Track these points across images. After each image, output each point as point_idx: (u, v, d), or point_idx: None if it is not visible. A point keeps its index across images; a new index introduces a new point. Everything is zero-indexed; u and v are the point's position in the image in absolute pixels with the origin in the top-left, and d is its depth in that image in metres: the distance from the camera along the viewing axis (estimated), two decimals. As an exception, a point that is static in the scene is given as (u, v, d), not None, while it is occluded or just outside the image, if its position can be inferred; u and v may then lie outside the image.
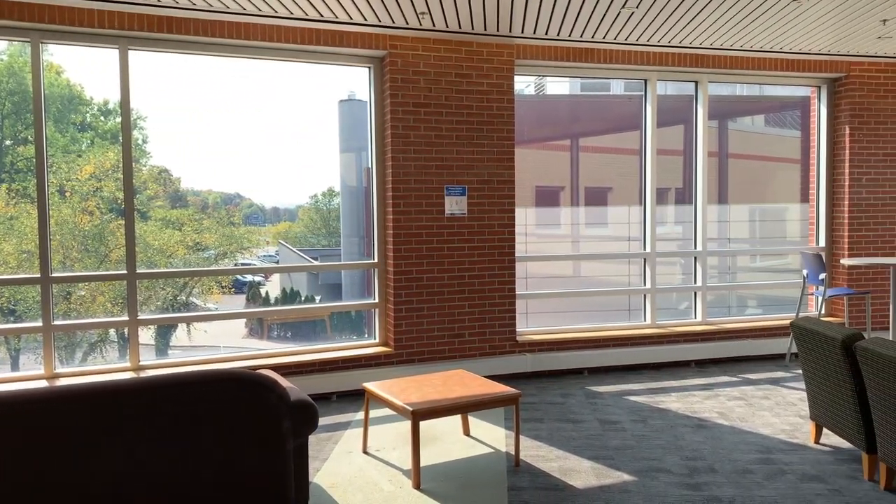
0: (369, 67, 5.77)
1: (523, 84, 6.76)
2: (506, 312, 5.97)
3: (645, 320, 6.60)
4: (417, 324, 5.73)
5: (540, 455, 4.14)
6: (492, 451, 4.23)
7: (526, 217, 6.49)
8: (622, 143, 7.01)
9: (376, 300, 5.86)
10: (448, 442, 4.40)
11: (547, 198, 6.83)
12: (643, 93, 6.53)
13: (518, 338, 6.07)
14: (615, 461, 4.02)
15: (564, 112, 7.22)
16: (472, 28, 5.46)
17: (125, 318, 5.21)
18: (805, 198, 7.19)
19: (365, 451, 4.25)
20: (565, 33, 5.61)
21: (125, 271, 5.15)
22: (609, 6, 4.89)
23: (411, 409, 3.63)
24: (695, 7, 4.90)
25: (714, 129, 7.00)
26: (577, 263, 6.81)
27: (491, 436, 4.51)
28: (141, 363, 5.21)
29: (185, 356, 5.43)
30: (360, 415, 5.00)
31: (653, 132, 6.46)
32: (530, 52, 5.91)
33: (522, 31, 5.57)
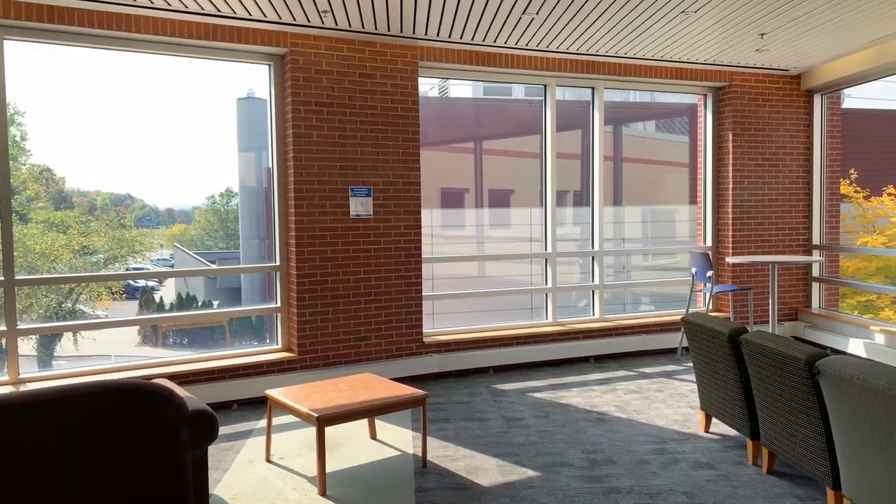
0: (269, 65, 5.62)
1: (427, 86, 6.79)
2: (412, 314, 5.97)
3: (547, 318, 6.78)
4: (322, 328, 5.63)
5: (447, 455, 4.16)
6: (399, 453, 4.22)
7: (432, 218, 6.52)
8: (524, 146, 7.17)
9: (278, 304, 5.71)
10: (354, 446, 4.34)
11: (452, 199, 6.89)
12: (543, 98, 6.71)
13: (425, 339, 6.08)
14: (520, 457, 4.10)
15: (468, 115, 7.31)
16: (376, 28, 5.43)
17: (2, 328, 4.82)
18: (693, 200, 7.61)
19: (268, 460, 4.12)
20: (468, 37, 5.68)
21: (1, 278, 4.77)
22: (510, 12, 4.99)
23: (316, 415, 3.56)
24: (591, 16, 5.08)
25: (609, 133, 7.29)
26: (481, 264, 6.91)
27: (398, 438, 4.49)
28: (21, 376, 4.84)
29: (71, 367, 5.10)
30: (263, 423, 4.85)
31: (552, 136, 6.65)
32: (434, 54, 5.94)
33: (426, 33, 5.59)
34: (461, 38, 5.71)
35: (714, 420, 4.65)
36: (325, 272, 5.62)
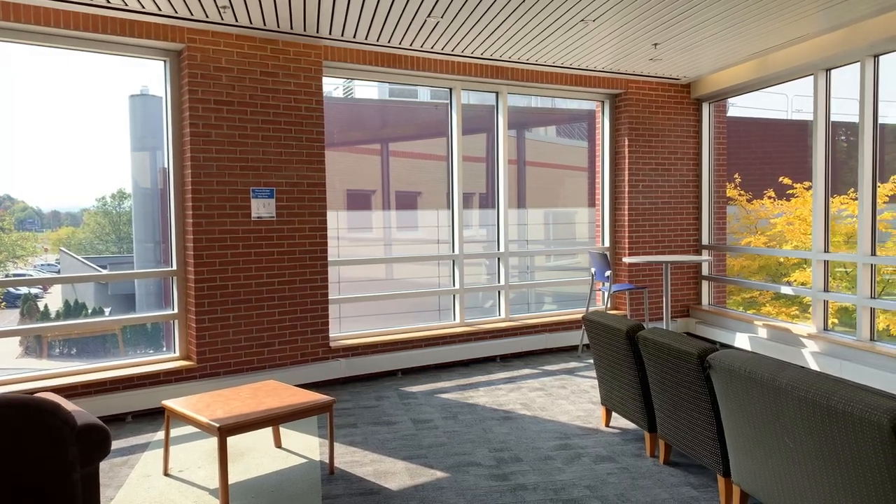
0: (165, 61, 5.38)
1: (332, 86, 6.69)
2: (318, 318, 5.86)
3: (455, 319, 6.84)
4: (223, 334, 5.44)
5: (355, 460, 4.11)
6: (305, 460, 4.12)
7: (338, 220, 6.43)
8: (430, 148, 7.20)
9: (176, 311, 5.47)
10: (259, 456, 4.21)
11: (358, 201, 6.82)
12: (449, 101, 6.76)
13: (331, 343, 5.99)
14: (428, 459, 4.11)
15: (374, 116, 7.26)
16: (278, 26, 5.30)
17: None
18: (592, 202, 7.89)
19: (166, 474, 3.93)
20: (373, 38, 5.64)
21: None
22: (415, 15, 5.00)
23: (217, 424, 3.43)
24: (495, 21, 5.17)
25: (513, 137, 7.44)
26: (389, 266, 6.88)
27: (304, 445, 4.40)
28: None
29: (-60, 384, 4.68)
30: (160, 435, 4.63)
31: (459, 139, 6.71)
32: (339, 54, 5.87)
33: (330, 33, 5.51)
34: (366, 38, 5.67)
35: (614, 414, 4.83)
36: (225, 276, 5.43)
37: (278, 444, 4.38)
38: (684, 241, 7.79)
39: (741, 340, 6.93)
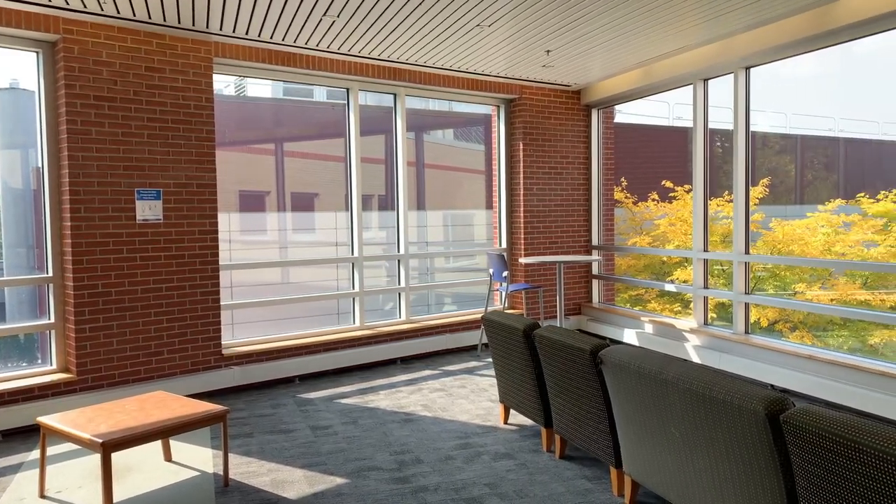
0: (37, 52, 5.00)
1: (223, 84, 6.45)
2: (210, 325, 5.63)
3: (354, 323, 6.76)
4: (106, 344, 5.12)
5: (250, 471, 3.97)
6: (198, 473, 3.94)
7: (230, 223, 6.20)
8: (327, 149, 7.08)
9: (52, 320, 5.09)
10: (147, 471, 3.99)
11: (252, 203, 6.60)
12: (346, 101, 6.68)
13: (224, 351, 5.77)
14: (328, 466, 4.03)
15: (268, 115, 7.06)
16: (164, 20, 5.05)
17: None
18: (489, 204, 8.03)
19: (43, 495, 3.65)
20: (267, 35, 5.49)
21: None
22: (310, 13, 4.90)
23: (100, 440, 3.21)
24: (392, 22, 5.15)
25: (412, 140, 7.45)
26: (285, 270, 6.70)
27: (196, 458, 4.20)
28: None
29: None
30: (36, 454, 4.29)
31: (357, 140, 6.65)
32: (230, 51, 5.67)
33: (221, 29, 5.31)
34: (259, 35, 5.50)
35: (512, 412, 4.93)
36: (108, 283, 5.11)
37: (168, 458, 4.16)
38: (576, 242, 8.08)
39: (629, 336, 7.26)
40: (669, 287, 8.17)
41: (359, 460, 4.12)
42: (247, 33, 5.43)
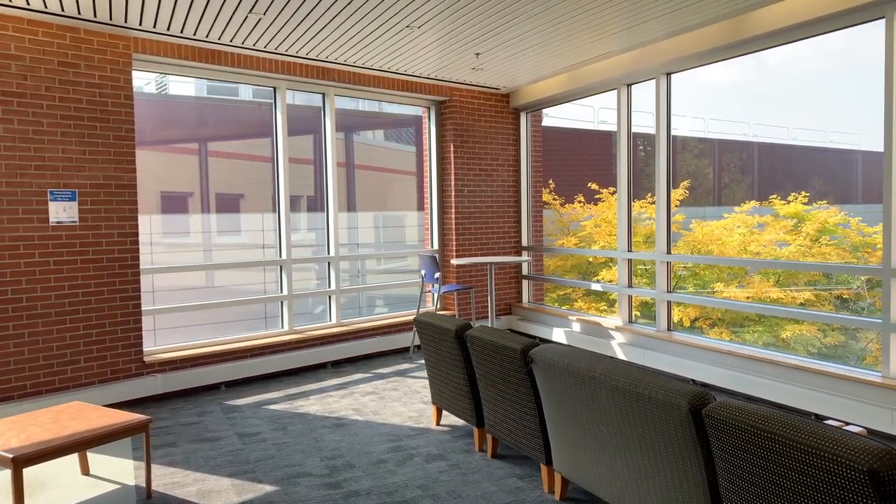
0: (-63, 43, 4.68)
1: (143, 81, 6.21)
2: (130, 331, 5.41)
3: (283, 327, 6.62)
4: (16, 353, 4.84)
5: (175, 482, 3.83)
6: (119, 486, 3.78)
7: (151, 225, 5.97)
8: (253, 149, 6.92)
9: (-44, 329, 4.78)
10: (63, 486, 3.79)
11: (174, 204, 6.38)
12: (273, 101, 6.55)
13: (146, 358, 5.55)
14: (256, 474, 3.93)
15: (191, 114, 6.84)
16: (79, 13, 4.82)
17: None
18: (421, 206, 8.03)
19: (-56, 518, 3.42)
20: (189, 31, 5.32)
21: None
22: (235, 10, 4.78)
23: (11, 455, 3.03)
24: (320, 21, 5.08)
25: (342, 140, 7.37)
26: (210, 273, 6.51)
27: (117, 470, 4.03)
28: None
29: None
30: (-64, 473, 4.01)
31: (284, 140, 6.52)
32: (151, 47, 5.46)
33: (140, 24, 5.11)
34: (182, 32, 5.33)
35: (445, 413, 4.93)
36: (18, 289, 4.83)
37: (86, 472, 3.97)
38: (506, 243, 8.18)
39: (558, 335, 7.40)
40: (596, 286, 8.37)
41: (288, 467, 4.04)
42: (168, 29, 5.25)
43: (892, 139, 4.35)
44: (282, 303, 6.63)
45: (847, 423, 4.25)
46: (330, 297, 7.01)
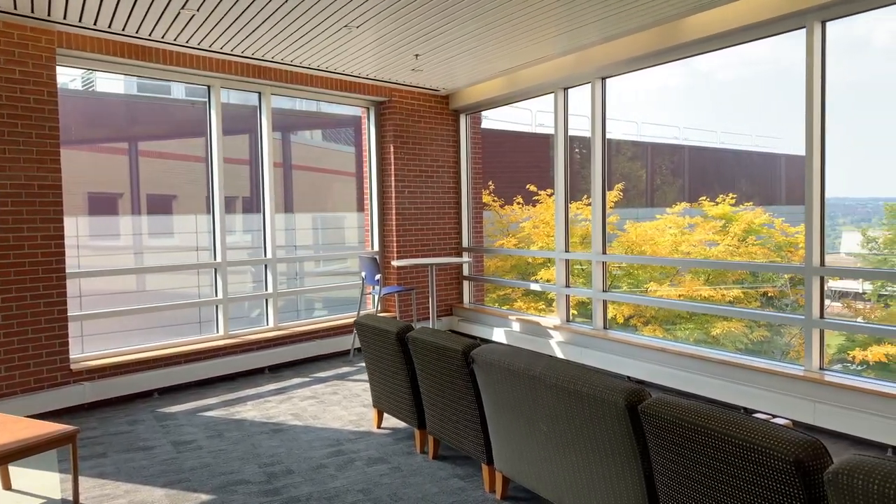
0: None
1: (68, 78, 5.95)
2: (55, 338, 5.17)
3: (218, 332, 6.46)
4: (-71, 363, 4.56)
5: (105, 493, 3.68)
6: (44, 501, 3.60)
7: (77, 227, 5.73)
8: (187, 149, 6.73)
9: None
10: (-20, 504, 3.59)
11: (103, 205, 6.14)
12: (207, 99, 6.38)
13: (73, 366, 5.32)
14: (192, 483, 3.82)
15: (120, 112, 6.60)
16: (-3, 3, 4.58)
17: None
18: (361, 207, 7.97)
19: None
20: (118, 26, 5.12)
21: None
22: (167, 5, 4.63)
23: (-78, 473, 2.85)
24: (256, 19, 4.98)
25: (278, 140, 7.24)
26: (141, 277, 6.29)
27: (42, 484, 3.84)
28: None
29: None
30: None
31: (219, 140, 6.36)
32: (77, 42, 5.24)
33: (65, 17, 4.89)
34: (110, 26, 5.13)
35: (386, 415, 4.91)
36: (-69, 295, 4.56)
37: (7, 487, 3.77)
38: (447, 244, 8.20)
39: (498, 334, 7.46)
40: (534, 286, 8.48)
41: (225, 475, 3.94)
42: (95, 24, 5.05)
43: (813, 143, 4.57)
44: (217, 307, 6.46)
45: (774, 416, 4.43)
46: (267, 300, 6.87)
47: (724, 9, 4.90)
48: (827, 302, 4.75)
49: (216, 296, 6.46)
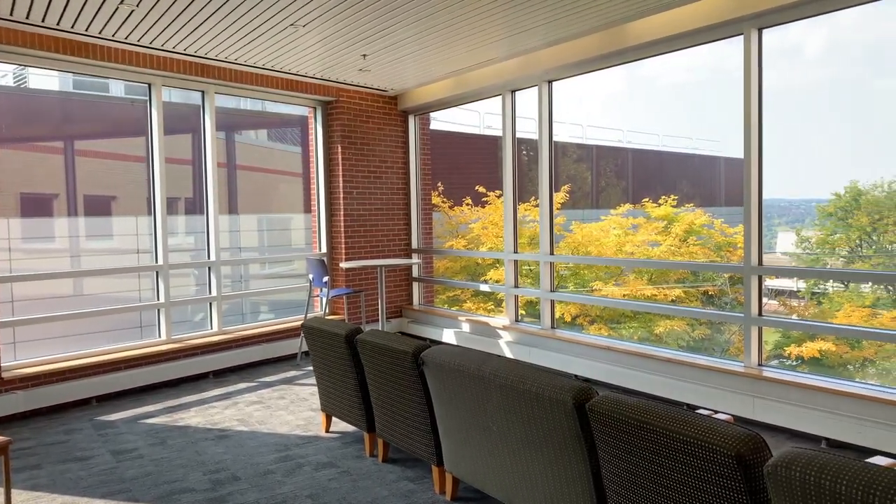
0: None
1: (-2, 72, 5.69)
2: (-15, 345, 4.94)
3: (160, 336, 6.28)
4: None
5: (39, 508, 3.53)
6: (-29, 518, 3.44)
7: (9, 229, 5.48)
8: (126, 148, 6.52)
9: None
10: None
11: (36, 207, 5.89)
12: (148, 98, 6.20)
13: (4, 374, 5.09)
14: (133, 493, 3.70)
15: (55, 110, 6.34)
16: (-80, -7, 4.35)
17: None
18: (308, 208, 7.87)
19: None
20: (52, 20, 4.93)
21: None
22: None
23: None
24: (199, 16, 4.86)
25: (222, 140, 7.09)
26: (78, 281, 6.05)
27: (-31, 500, 3.66)
28: None
29: None
30: None
31: (160, 139, 6.19)
32: (7, 36, 5.02)
33: (-6, 9, 4.68)
34: (43, 21, 4.93)
35: (335, 419, 4.85)
36: None
37: (-69, 504, 3.58)
38: (396, 246, 8.17)
39: (448, 335, 7.47)
40: (484, 287, 8.53)
41: (168, 483, 3.83)
42: (28, 17, 4.84)
43: (751, 146, 4.73)
44: (158, 311, 6.28)
45: (716, 412, 4.56)
46: (211, 303, 6.71)
47: (667, 14, 5.02)
48: (764, 300, 4.92)
49: (158, 300, 6.28)
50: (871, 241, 10.13)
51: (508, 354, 6.65)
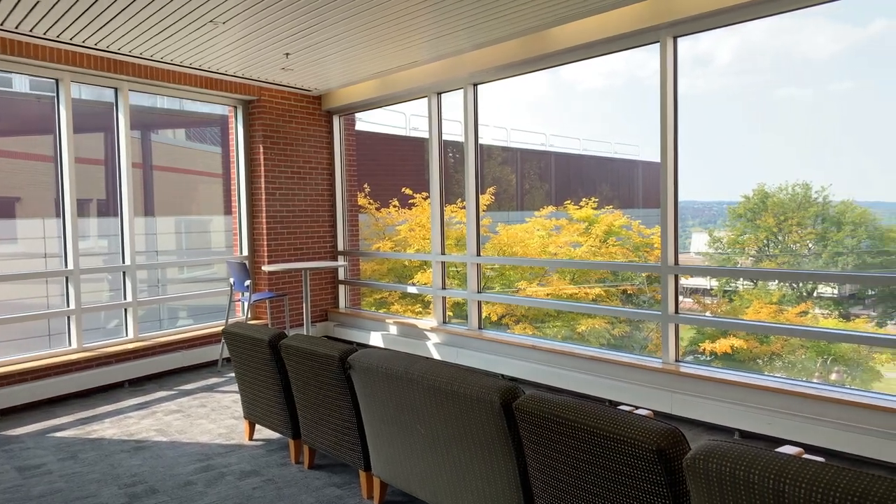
0: None
1: None
2: None
3: (70, 345, 5.96)
4: None
5: (-65, 532, 3.29)
6: None
7: None
8: (31, 147, 6.17)
9: None
10: None
11: (-70, 209, 5.49)
12: (56, 94, 5.88)
13: None
14: (41, 512, 3.49)
15: (-49, 105, 5.94)
16: None
17: None
18: (228, 210, 7.65)
19: None
20: (-53, 9, 4.60)
21: None
22: (7, -13, 4.22)
23: None
24: (112, 9, 4.63)
25: (137, 139, 6.80)
26: (-22, 287, 5.68)
27: None
28: None
29: None
30: None
31: (70, 138, 5.88)
32: None
33: None
34: (-64, 8, 4.60)
35: (258, 427, 4.73)
36: None
37: None
38: (321, 248, 8.05)
39: (375, 338, 7.42)
40: (411, 289, 8.52)
41: (80, 499, 3.63)
42: (-82, 4, 4.50)
43: (667, 150, 4.91)
44: (69, 318, 5.96)
45: (637, 408, 4.71)
46: (126, 309, 6.43)
47: (587, 21, 5.15)
48: (680, 298, 5.12)
49: (68, 306, 5.96)
50: (777, 241, 10.72)
51: (436, 356, 6.67)
